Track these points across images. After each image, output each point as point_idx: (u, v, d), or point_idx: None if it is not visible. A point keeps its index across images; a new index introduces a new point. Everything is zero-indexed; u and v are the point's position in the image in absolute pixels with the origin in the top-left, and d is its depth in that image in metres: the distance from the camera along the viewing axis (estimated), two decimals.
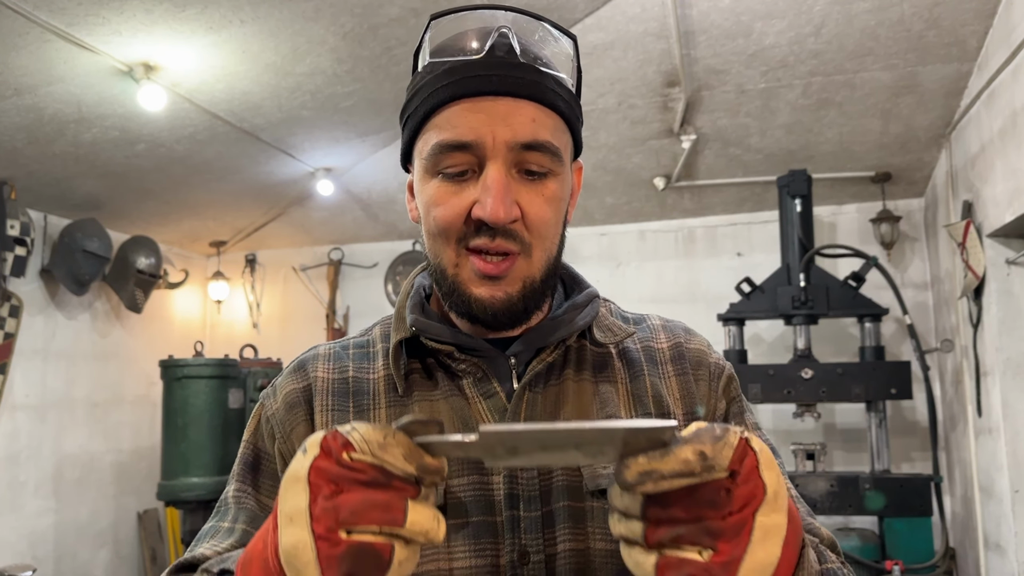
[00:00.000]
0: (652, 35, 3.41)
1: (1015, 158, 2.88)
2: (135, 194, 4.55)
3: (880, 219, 4.40)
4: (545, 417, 0.86)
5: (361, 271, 5.66)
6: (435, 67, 0.83)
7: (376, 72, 3.52)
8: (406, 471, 0.59)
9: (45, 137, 3.68)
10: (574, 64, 0.87)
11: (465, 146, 0.80)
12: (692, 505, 0.57)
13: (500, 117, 0.80)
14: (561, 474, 0.83)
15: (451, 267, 0.84)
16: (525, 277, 0.83)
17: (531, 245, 0.82)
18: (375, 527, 0.58)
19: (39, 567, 4.34)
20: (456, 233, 0.82)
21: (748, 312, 3.97)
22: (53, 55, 3.05)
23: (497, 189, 0.79)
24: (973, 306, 3.44)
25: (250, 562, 0.65)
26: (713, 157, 4.28)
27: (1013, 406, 3.18)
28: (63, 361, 4.68)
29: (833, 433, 4.49)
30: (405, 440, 0.60)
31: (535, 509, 0.81)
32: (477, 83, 0.80)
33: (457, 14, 0.86)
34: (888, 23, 3.22)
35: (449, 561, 0.80)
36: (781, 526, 0.58)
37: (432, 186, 0.83)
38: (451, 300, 0.86)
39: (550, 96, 0.82)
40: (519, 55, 0.81)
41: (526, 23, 0.85)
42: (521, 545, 0.80)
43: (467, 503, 0.82)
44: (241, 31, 3.07)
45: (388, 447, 0.59)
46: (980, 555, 3.55)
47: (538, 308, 0.87)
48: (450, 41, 0.85)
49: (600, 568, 0.80)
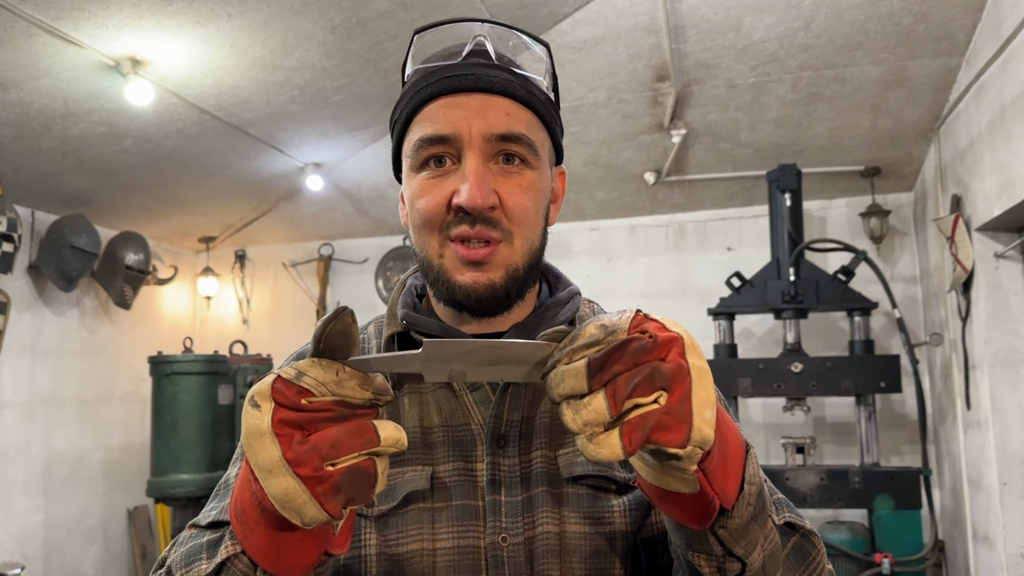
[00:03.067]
0: (642, 29, 3.40)
1: (1003, 152, 2.89)
2: (123, 190, 4.53)
3: (869, 213, 4.42)
4: (527, 408, 0.89)
5: (351, 267, 5.65)
6: (417, 73, 0.90)
7: (365, 66, 3.50)
8: (365, 398, 0.65)
9: (32, 132, 3.66)
10: (548, 69, 0.93)
11: (444, 139, 0.85)
12: (627, 356, 0.61)
13: (476, 111, 0.85)
14: (540, 462, 0.87)
15: (436, 257, 0.87)
16: (508, 264, 0.86)
17: (511, 232, 0.86)
18: (355, 452, 0.63)
19: (28, 565, 4.33)
20: (438, 222, 0.86)
21: (738, 306, 3.98)
22: (39, 49, 3.02)
23: (474, 176, 0.83)
24: (962, 300, 3.46)
25: (243, 511, 0.68)
26: (703, 152, 4.28)
27: (1001, 399, 3.20)
28: (51, 358, 4.66)
29: (823, 427, 4.51)
30: (355, 372, 0.65)
31: (516, 494, 0.86)
32: (454, 81, 0.86)
33: (439, 27, 0.92)
34: (877, 17, 3.22)
35: (433, 542, 0.85)
36: (707, 369, 0.65)
37: (416, 181, 0.88)
38: (437, 288, 0.89)
39: (523, 93, 0.88)
40: (494, 58, 0.88)
41: (502, 32, 0.92)
42: (502, 527, 0.85)
43: (452, 488, 0.86)
44: (229, 25, 3.05)
45: (343, 382, 0.64)
46: (969, 547, 3.57)
47: (520, 297, 0.90)
48: (432, 51, 0.92)
49: (575, 550, 0.85)
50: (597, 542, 0.84)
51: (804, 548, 0.84)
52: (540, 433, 0.89)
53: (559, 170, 0.98)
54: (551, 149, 0.94)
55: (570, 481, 0.86)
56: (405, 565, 0.84)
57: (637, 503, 0.86)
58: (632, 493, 0.87)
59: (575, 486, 0.86)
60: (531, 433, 0.89)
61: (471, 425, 0.88)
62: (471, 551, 0.84)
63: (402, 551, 0.84)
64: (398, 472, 0.87)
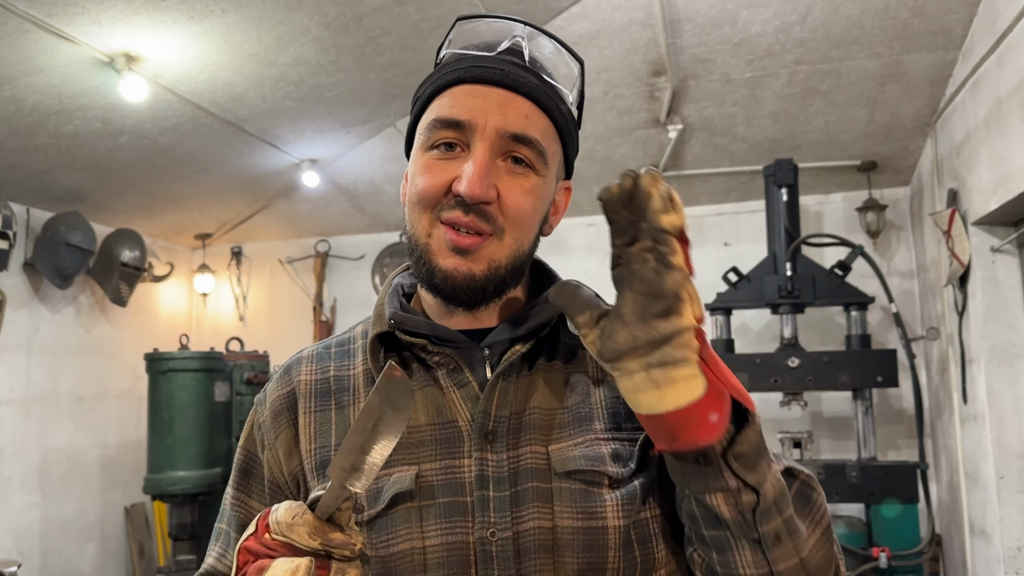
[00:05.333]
0: (638, 24, 3.40)
1: (1000, 146, 2.89)
2: (118, 186, 4.51)
3: (866, 208, 4.42)
4: (516, 404, 0.89)
5: (348, 263, 5.64)
6: (450, 57, 0.91)
7: (360, 62, 3.49)
8: (311, 547, 0.70)
9: (26, 129, 3.64)
10: (577, 87, 0.94)
11: (458, 124, 0.86)
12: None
13: (496, 105, 0.86)
14: (529, 457, 0.87)
15: (423, 236, 0.88)
16: (491, 259, 0.87)
17: (504, 229, 0.87)
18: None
19: (25, 562, 4.32)
20: (433, 202, 0.87)
21: (735, 302, 3.98)
22: (32, 45, 3.01)
23: (478, 167, 0.84)
24: (958, 294, 3.46)
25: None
26: (700, 147, 4.28)
27: (998, 393, 3.20)
28: (47, 355, 4.65)
29: (820, 421, 4.51)
30: (311, 519, 0.70)
31: (504, 489, 0.86)
32: (482, 72, 0.87)
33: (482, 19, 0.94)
34: (873, 11, 3.22)
35: (422, 540, 0.85)
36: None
37: (423, 159, 0.89)
38: (418, 269, 0.90)
39: (547, 100, 0.88)
40: (527, 60, 0.89)
41: (540, 38, 0.93)
42: (490, 523, 0.84)
43: (439, 485, 0.86)
44: (223, 20, 3.04)
45: (294, 527, 0.70)
46: (966, 541, 3.58)
47: (497, 296, 0.91)
48: (469, 41, 0.93)
49: (567, 545, 0.84)
50: (590, 537, 0.84)
51: (806, 492, 0.86)
52: (530, 428, 0.88)
53: (565, 184, 0.98)
54: (561, 163, 0.94)
55: (563, 476, 0.86)
56: (396, 565, 0.84)
57: (630, 497, 0.86)
58: (625, 487, 0.86)
59: (567, 481, 0.86)
60: (520, 428, 0.88)
61: (459, 422, 0.88)
62: (460, 547, 0.84)
63: (392, 552, 0.84)
64: (385, 474, 0.87)
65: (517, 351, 0.89)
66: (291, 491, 0.94)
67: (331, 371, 0.97)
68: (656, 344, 0.71)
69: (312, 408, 0.94)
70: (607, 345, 0.74)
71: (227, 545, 0.97)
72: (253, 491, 0.97)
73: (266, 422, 0.97)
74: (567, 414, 0.90)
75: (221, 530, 0.98)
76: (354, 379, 0.95)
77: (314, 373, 0.97)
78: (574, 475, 0.86)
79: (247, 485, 0.97)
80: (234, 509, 0.97)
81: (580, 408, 0.91)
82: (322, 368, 0.97)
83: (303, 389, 0.96)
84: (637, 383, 0.73)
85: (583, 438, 0.88)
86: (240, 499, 0.97)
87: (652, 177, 0.72)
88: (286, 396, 0.96)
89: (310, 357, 0.99)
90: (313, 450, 0.92)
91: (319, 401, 0.95)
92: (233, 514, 0.97)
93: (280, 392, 0.97)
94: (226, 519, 0.98)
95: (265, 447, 0.96)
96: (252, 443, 0.98)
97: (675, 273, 0.71)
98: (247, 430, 1.00)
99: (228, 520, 0.97)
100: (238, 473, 0.99)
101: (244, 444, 0.99)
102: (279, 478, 0.94)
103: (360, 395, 0.94)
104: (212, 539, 0.99)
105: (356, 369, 0.96)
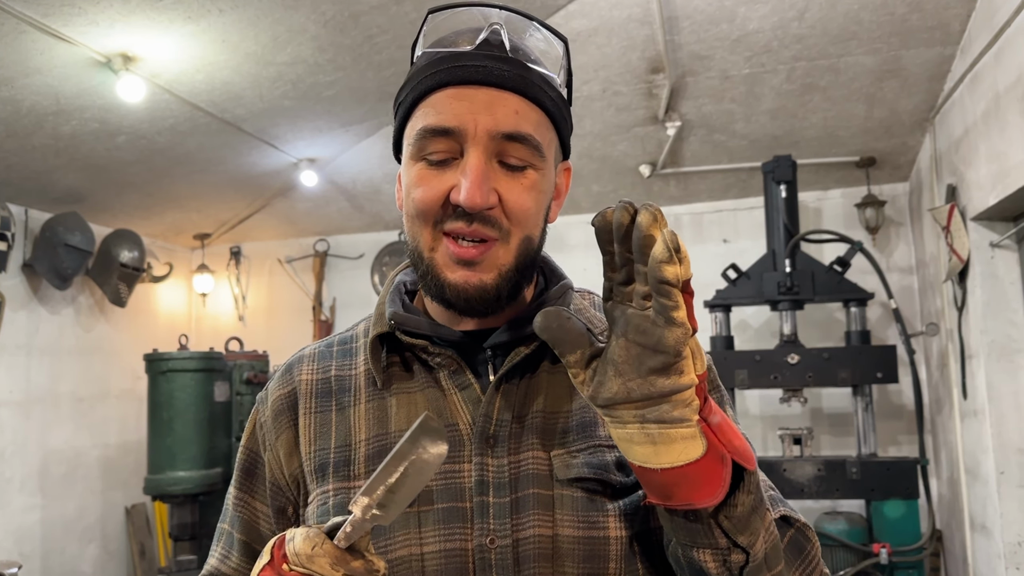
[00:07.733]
0: (636, 21, 3.39)
1: (998, 141, 2.89)
2: (117, 187, 4.51)
3: (865, 204, 4.42)
4: (518, 408, 0.87)
5: (347, 262, 5.64)
6: (428, 57, 0.86)
7: (358, 61, 3.49)
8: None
9: (23, 130, 3.64)
10: (564, 66, 0.89)
11: (448, 132, 0.82)
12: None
13: (484, 106, 0.82)
14: (530, 463, 0.85)
15: (427, 250, 0.85)
16: (501, 265, 0.84)
17: (510, 232, 0.84)
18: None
19: (26, 563, 4.32)
20: (433, 215, 0.84)
21: (734, 298, 3.97)
22: (29, 46, 3.00)
23: (475, 175, 0.80)
24: (958, 289, 3.46)
25: None
26: (698, 144, 4.28)
27: (998, 388, 3.20)
28: (47, 356, 4.64)
29: (820, 418, 4.51)
30: (331, 549, 0.68)
31: (504, 496, 0.83)
32: (464, 72, 0.82)
33: (453, 9, 0.88)
34: (871, 7, 3.21)
35: (420, 546, 0.83)
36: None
37: (415, 169, 0.85)
38: (426, 283, 0.87)
39: (535, 91, 0.84)
40: (508, 50, 0.84)
41: (519, 22, 0.88)
42: (489, 529, 0.82)
43: (438, 490, 0.84)
44: (220, 20, 3.04)
45: (315, 558, 0.68)
46: (966, 536, 3.58)
47: (513, 298, 0.87)
48: (444, 34, 0.88)
49: (567, 554, 0.82)
50: (591, 546, 0.82)
51: (800, 542, 0.84)
52: (532, 433, 0.86)
53: (564, 166, 0.94)
54: (558, 148, 0.91)
55: (564, 483, 0.84)
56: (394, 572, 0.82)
57: (633, 508, 0.84)
58: (628, 497, 0.84)
59: (569, 488, 0.84)
60: (522, 433, 0.86)
61: (459, 425, 0.86)
62: (458, 554, 0.82)
63: (391, 558, 0.83)
64: None
65: (521, 353, 0.87)
66: (291, 493, 0.93)
67: (332, 370, 0.95)
68: (653, 400, 0.67)
69: (312, 409, 0.93)
70: (599, 392, 0.69)
71: (230, 546, 0.96)
72: (256, 491, 0.96)
73: (267, 422, 0.96)
74: (571, 419, 0.87)
75: (224, 531, 0.97)
76: (355, 379, 0.93)
77: (315, 372, 0.96)
78: (576, 482, 0.84)
79: (250, 485, 0.97)
80: (237, 510, 0.96)
81: (585, 413, 0.88)
82: (323, 367, 0.96)
83: (304, 389, 0.95)
84: (631, 434, 0.69)
85: (587, 444, 0.86)
86: (243, 499, 0.97)
87: (652, 216, 0.65)
88: (287, 396, 0.95)
89: (312, 356, 0.98)
90: (312, 452, 0.91)
91: (319, 402, 0.93)
92: (236, 515, 0.96)
93: (281, 392, 0.96)
94: (229, 519, 0.97)
95: (266, 447, 0.95)
96: (254, 443, 0.97)
97: (677, 330, 0.65)
98: (249, 430, 0.99)
99: (231, 521, 0.97)
100: (241, 473, 0.98)
101: (246, 444, 0.98)
102: (280, 479, 0.94)
103: (361, 395, 0.92)
104: (215, 540, 0.98)
105: (358, 369, 0.94)
